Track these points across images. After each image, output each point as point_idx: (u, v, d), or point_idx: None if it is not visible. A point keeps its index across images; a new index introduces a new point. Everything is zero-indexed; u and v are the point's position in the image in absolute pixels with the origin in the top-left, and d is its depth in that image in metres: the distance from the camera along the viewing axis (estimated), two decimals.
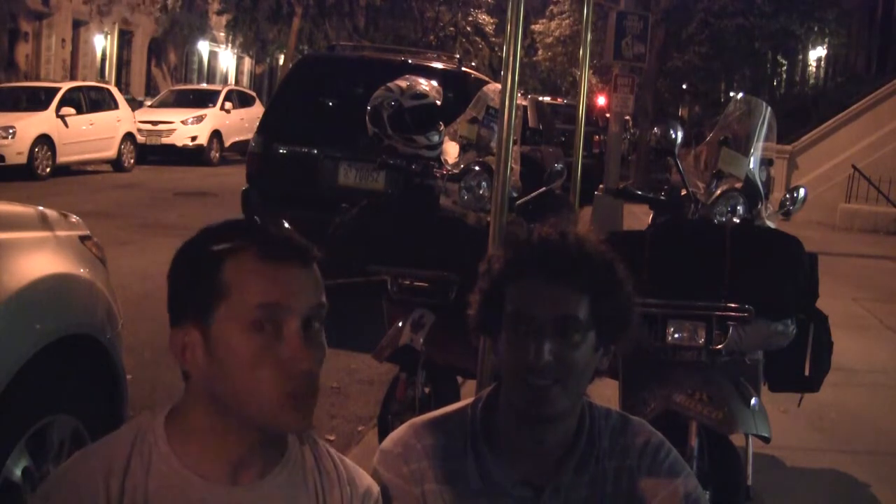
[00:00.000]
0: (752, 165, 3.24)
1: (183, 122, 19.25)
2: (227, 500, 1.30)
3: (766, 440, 2.93)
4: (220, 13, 31.01)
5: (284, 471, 1.36)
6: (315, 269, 1.32)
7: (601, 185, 12.01)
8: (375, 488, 1.48)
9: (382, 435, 3.48)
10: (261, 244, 1.27)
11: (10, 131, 14.24)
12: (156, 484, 1.28)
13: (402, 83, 3.86)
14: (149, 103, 21.86)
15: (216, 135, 19.92)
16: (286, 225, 1.37)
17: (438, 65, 7.74)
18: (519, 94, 3.33)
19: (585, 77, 7.27)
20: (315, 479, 1.39)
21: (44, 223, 2.81)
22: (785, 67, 32.55)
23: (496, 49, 31.53)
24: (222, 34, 33.99)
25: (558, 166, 4.18)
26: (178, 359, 1.29)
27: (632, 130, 25.56)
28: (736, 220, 3.13)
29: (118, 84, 28.27)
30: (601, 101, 22.39)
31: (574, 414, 1.57)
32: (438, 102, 3.87)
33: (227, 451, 1.30)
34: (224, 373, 1.25)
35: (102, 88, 18.14)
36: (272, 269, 1.26)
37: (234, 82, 37.26)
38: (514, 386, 1.53)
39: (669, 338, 3.02)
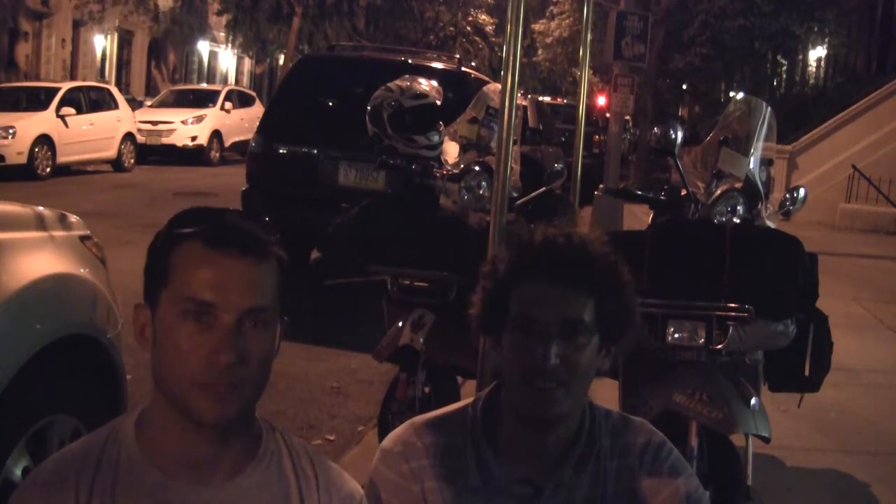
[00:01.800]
0: (752, 165, 3.23)
1: (183, 122, 19.24)
2: (195, 500, 1.29)
3: (766, 440, 2.93)
4: (220, 13, 30.99)
5: (257, 471, 1.34)
6: (268, 267, 1.29)
7: (601, 185, 12.00)
8: (359, 493, 1.46)
9: (382, 435, 3.47)
10: (206, 233, 1.27)
11: (10, 131, 14.23)
12: (124, 483, 1.28)
13: (402, 83, 3.86)
14: (149, 103, 21.86)
15: (216, 135, 19.92)
16: (259, 219, 1.35)
17: (438, 65, 7.75)
18: (519, 94, 3.33)
19: (585, 77, 7.27)
20: (292, 482, 1.37)
21: (44, 223, 2.80)
22: (785, 67, 32.55)
23: (496, 49, 31.52)
24: (222, 34, 33.97)
25: (558, 166, 4.18)
26: (136, 337, 1.32)
27: (632, 130, 25.57)
28: (736, 220, 3.12)
29: (118, 84, 28.25)
30: (601, 101, 22.38)
31: (576, 415, 1.58)
32: (438, 102, 3.87)
33: (188, 447, 1.29)
34: (160, 354, 1.27)
35: (102, 88, 18.14)
36: (212, 260, 1.25)
37: (234, 82, 37.25)
38: (518, 388, 1.53)
39: (669, 338, 3.02)
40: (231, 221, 1.30)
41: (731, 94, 26.59)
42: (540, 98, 18.27)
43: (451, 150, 3.93)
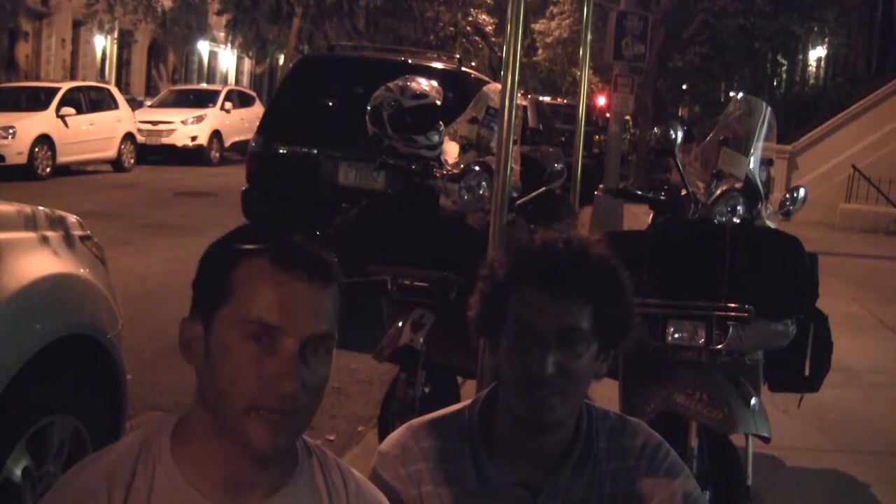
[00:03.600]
0: (752, 165, 3.23)
1: (183, 122, 19.25)
2: None
3: (766, 440, 2.93)
4: (220, 13, 31.00)
5: (292, 490, 1.31)
6: (332, 292, 1.25)
7: (601, 185, 12.00)
8: (385, 502, 1.45)
9: (382, 435, 3.48)
10: (275, 253, 1.22)
11: (10, 131, 14.24)
12: (158, 501, 1.23)
13: (402, 83, 3.86)
14: (149, 103, 21.87)
15: (216, 135, 19.92)
16: (315, 240, 1.30)
17: (438, 65, 7.74)
18: (519, 94, 3.33)
19: (585, 77, 7.28)
20: (324, 496, 1.35)
21: (43, 223, 2.81)
22: (785, 67, 32.55)
23: (496, 49, 31.53)
24: (222, 34, 33.97)
25: (558, 166, 4.19)
26: (181, 350, 1.27)
27: (632, 130, 25.56)
28: (736, 220, 3.12)
29: (118, 84, 28.26)
30: (601, 101, 22.37)
31: (573, 418, 1.58)
32: (438, 102, 3.87)
33: (230, 468, 1.25)
34: (213, 372, 1.22)
35: (102, 88, 18.15)
36: (280, 283, 1.20)
37: (234, 82, 37.25)
38: (515, 393, 1.53)
39: (669, 338, 3.02)
40: (297, 243, 1.26)
41: (731, 94, 26.59)
42: (540, 98, 18.28)
43: (451, 150, 3.93)
